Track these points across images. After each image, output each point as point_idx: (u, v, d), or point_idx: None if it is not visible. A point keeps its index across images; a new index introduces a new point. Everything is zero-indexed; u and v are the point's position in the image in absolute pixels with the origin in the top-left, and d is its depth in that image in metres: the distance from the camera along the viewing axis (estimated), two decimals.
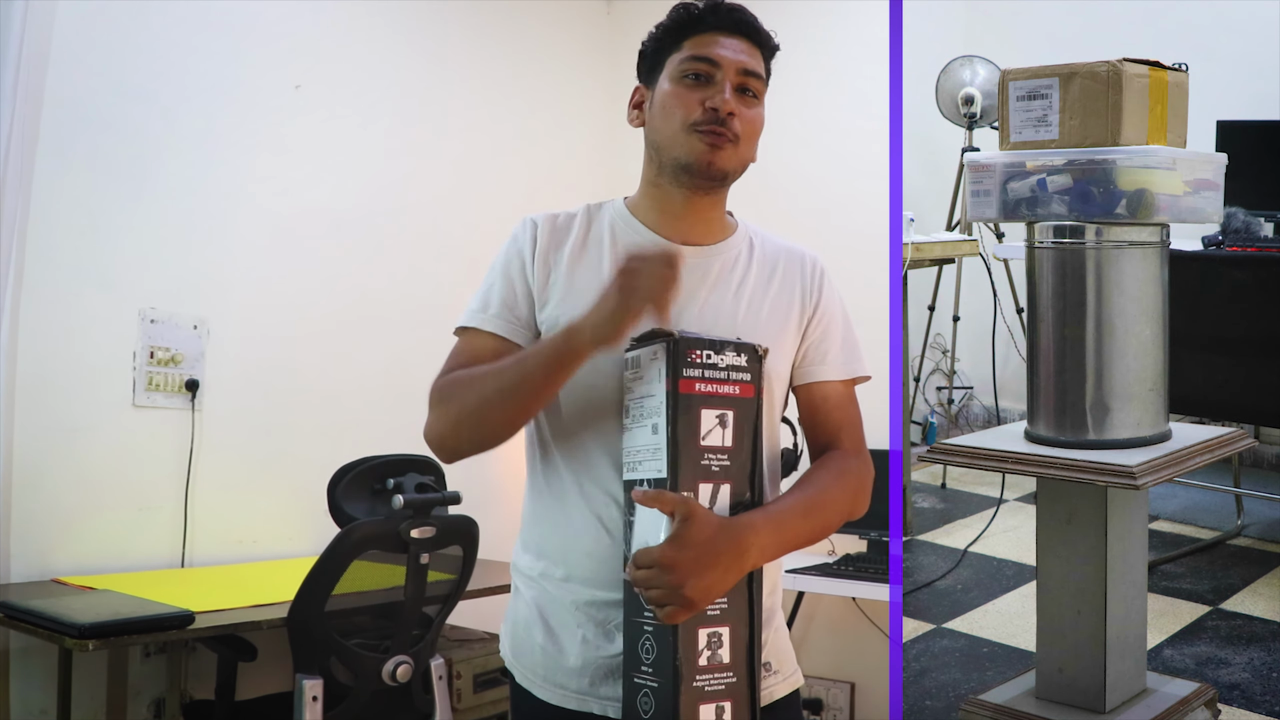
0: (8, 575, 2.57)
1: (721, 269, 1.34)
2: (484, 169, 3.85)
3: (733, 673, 1.14)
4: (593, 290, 1.23)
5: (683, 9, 1.33)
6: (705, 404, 1.13)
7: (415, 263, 3.60)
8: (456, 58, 3.80)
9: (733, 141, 1.28)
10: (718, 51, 1.29)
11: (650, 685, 1.12)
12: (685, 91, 1.29)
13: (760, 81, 1.32)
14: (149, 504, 2.87)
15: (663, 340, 1.14)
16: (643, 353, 1.17)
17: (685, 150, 1.28)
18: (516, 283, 1.33)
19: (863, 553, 3.40)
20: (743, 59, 1.30)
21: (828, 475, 1.31)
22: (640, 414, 1.16)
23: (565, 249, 1.34)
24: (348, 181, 3.42)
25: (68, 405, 2.71)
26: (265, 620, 2.26)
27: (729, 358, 1.15)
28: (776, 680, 1.32)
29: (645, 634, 1.13)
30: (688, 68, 1.29)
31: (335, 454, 2.58)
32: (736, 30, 1.31)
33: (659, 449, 1.12)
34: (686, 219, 1.35)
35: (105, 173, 2.80)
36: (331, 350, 3.34)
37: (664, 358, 1.13)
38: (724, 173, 1.30)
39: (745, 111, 1.29)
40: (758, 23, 1.34)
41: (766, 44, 1.34)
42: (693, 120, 1.27)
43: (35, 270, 2.64)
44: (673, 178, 1.32)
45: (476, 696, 2.88)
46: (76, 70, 2.72)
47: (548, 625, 1.31)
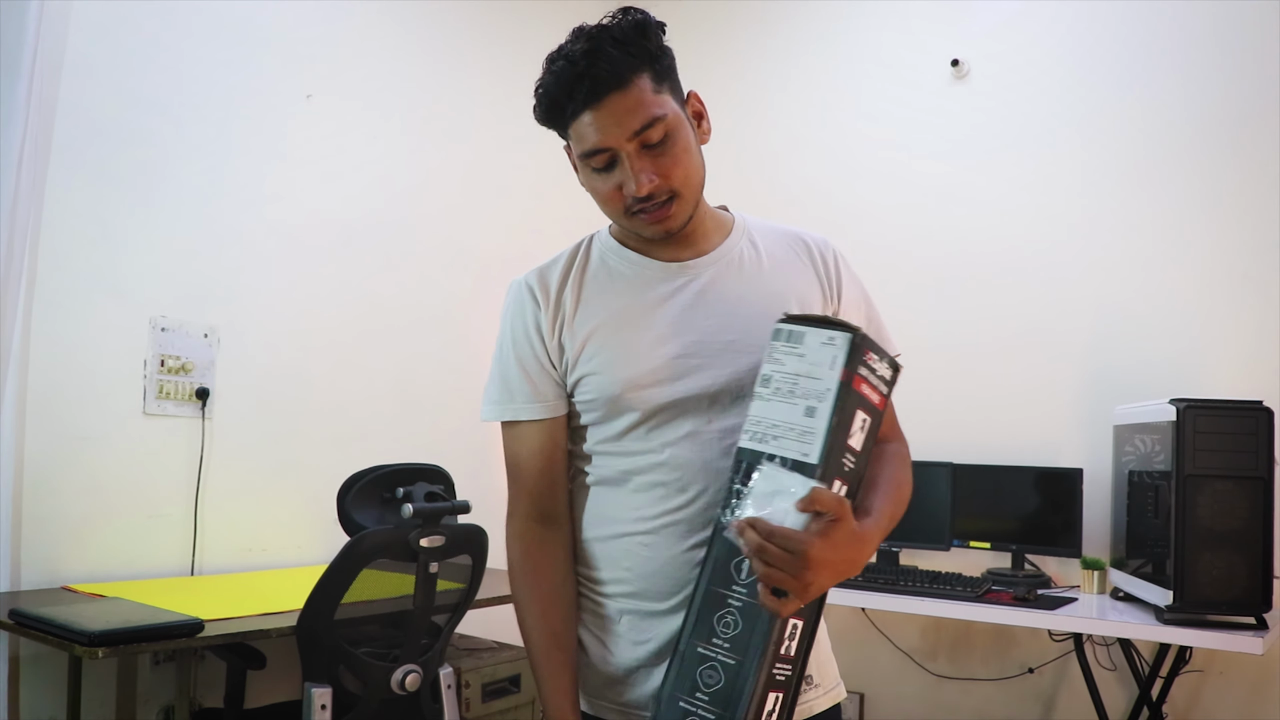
0: (18, 582, 2.58)
1: (723, 276, 1.31)
2: (494, 178, 3.86)
3: (793, 666, 1.13)
4: (601, 330, 1.27)
5: (543, 99, 1.22)
6: (860, 405, 1.13)
7: (425, 272, 3.61)
8: (467, 66, 3.82)
9: (669, 201, 1.23)
10: (599, 138, 1.19)
11: (724, 660, 1.10)
12: (601, 184, 1.23)
13: (659, 120, 1.19)
14: (159, 512, 2.87)
15: (844, 330, 1.14)
16: (811, 333, 1.15)
17: (637, 228, 1.27)
18: (528, 363, 1.31)
19: (872, 563, 3.39)
20: (627, 123, 1.18)
21: (900, 472, 1.30)
22: (791, 391, 1.14)
23: (567, 296, 1.32)
24: (358, 190, 3.43)
25: (78, 413, 2.72)
26: (274, 628, 2.26)
27: (882, 368, 1.17)
28: (818, 694, 1.30)
29: (730, 607, 1.11)
30: (587, 163, 1.22)
31: (345, 462, 2.58)
32: (599, 97, 1.18)
33: (812, 433, 1.11)
34: (673, 243, 1.32)
35: (117, 182, 2.81)
36: (342, 359, 3.35)
37: (844, 348, 1.12)
38: (683, 224, 1.27)
39: (662, 161, 1.21)
40: (614, 67, 1.17)
41: (635, 67, 1.19)
42: (624, 208, 1.24)
43: (47, 278, 2.65)
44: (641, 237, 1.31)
45: (485, 706, 2.87)
46: (89, 80, 2.74)
47: (584, 637, 1.31)
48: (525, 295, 1.32)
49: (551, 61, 1.22)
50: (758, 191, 3.90)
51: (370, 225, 3.46)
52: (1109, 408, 3.15)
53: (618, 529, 1.29)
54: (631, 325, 1.28)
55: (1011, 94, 3.53)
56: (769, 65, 4.07)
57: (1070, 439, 3.31)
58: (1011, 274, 3.48)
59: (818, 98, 3.94)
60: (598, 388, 1.27)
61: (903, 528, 3.66)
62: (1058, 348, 3.37)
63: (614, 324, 1.29)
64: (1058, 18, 3.46)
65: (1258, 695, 2.94)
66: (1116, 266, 3.29)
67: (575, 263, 1.35)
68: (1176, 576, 2.55)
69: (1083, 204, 3.37)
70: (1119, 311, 3.28)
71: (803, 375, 1.13)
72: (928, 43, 3.69)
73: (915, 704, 3.55)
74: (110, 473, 2.77)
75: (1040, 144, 3.46)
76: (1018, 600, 2.86)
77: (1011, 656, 3.37)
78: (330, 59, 3.36)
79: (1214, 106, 3.16)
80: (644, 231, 1.27)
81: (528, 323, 1.31)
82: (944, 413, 3.45)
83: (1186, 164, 3.19)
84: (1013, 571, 3.23)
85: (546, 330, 1.31)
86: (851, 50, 3.89)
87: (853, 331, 1.12)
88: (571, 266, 1.34)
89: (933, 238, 3.62)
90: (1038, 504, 3.25)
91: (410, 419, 3.47)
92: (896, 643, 3.57)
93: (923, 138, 3.63)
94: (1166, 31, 3.26)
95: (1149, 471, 2.77)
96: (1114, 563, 3.07)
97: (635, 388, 1.25)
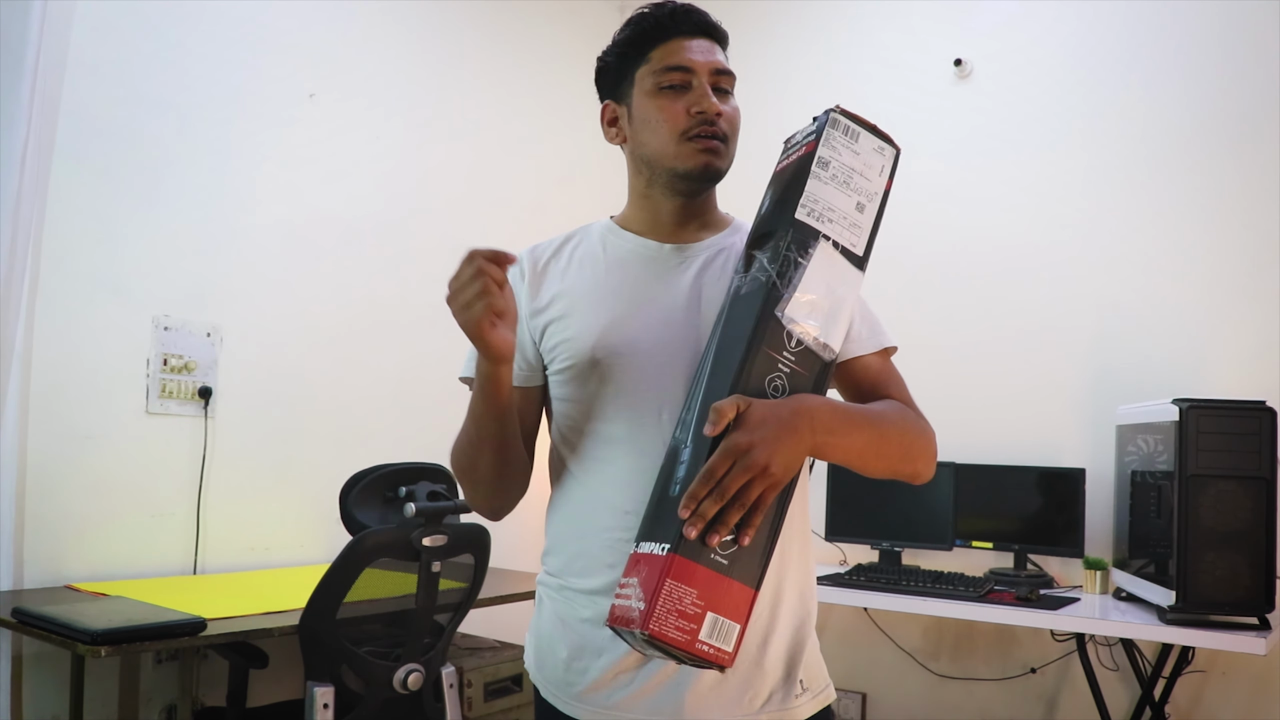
0: (21, 581, 2.58)
1: (721, 260, 1.33)
2: (496, 175, 3.87)
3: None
4: (588, 296, 1.29)
5: (643, 20, 1.33)
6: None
7: (428, 270, 3.58)
8: (469, 64, 3.82)
9: (724, 140, 1.29)
10: (689, 57, 1.29)
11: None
12: (668, 103, 1.29)
13: (731, 77, 1.32)
14: (162, 511, 2.87)
15: (890, 143, 1.22)
16: (865, 135, 1.20)
17: (681, 159, 1.29)
18: None
19: (874, 563, 3.39)
20: (713, 59, 1.31)
21: (880, 402, 1.28)
22: (846, 183, 1.18)
23: (555, 267, 1.36)
24: (360, 189, 3.43)
25: (81, 412, 2.72)
26: (277, 627, 2.26)
27: None
28: (806, 698, 1.29)
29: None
30: (663, 79, 1.29)
31: (347, 461, 2.59)
32: (699, 32, 1.32)
33: (860, 228, 1.18)
34: (680, 225, 1.35)
35: (120, 180, 2.81)
36: (344, 357, 3.35)
37: (891, 159, 1.22)
38: (720, 173, 1.31)
39: (727, 109, 1.30)
40: (713, 20, 1.35)
41: (725, 39, 1.36)
42: (682, 129, 1.28)
43: (50, 277, 2.66)
44: (667, 187, 1.33)
45: (487, 705, 2.87)
46: (92, 79, 2.74)
47: (571, 639, 1.29)
48: (514, 269, 1.34)
49: (654, 5, 1.34)
50: (757, 188, 3.89)
51: (372, 224, 3.46)
52: (1111, 407, 3.15)
53: (601, 521, 1.27)
54: (611, 294, 1.31)
55: (1014, 94, 3.53)
56: (771, 65, 4.07)
57: (1073, 439, 3.31)
58: (1014, 273, 3.48)
59: (820, 98, 3.92)
60: (571, 351, 1.29)
61: (905, 528, 3.67)
62: (1060, 347, 3.37)
63: (594, 293, 1.31)
64: (1060, 18, 3.45)
65: (1260, 696, 2.93)
66: (1119, 266, 3.29)
67: (570, 240, 1.39)
68: (1179, 577, 2.55)
69: (1085, 203, 3.37)
70: (1121, 311, 3.27)
71: (856, 172, 1.18)
72: (930, 43, 3.69)
73: (917, 704, 3.55)
74: (113, 472, 2.77)
75: (1043, 143, 3.46)
76: (1020, 600, 2.86)
77: (1014, 656, 3.37)
78: (333, 58, 3.36)
79: (1217, 106, 3.15)
80: (689, 161, 1.29)
81: (514, 283, 1.34)
82: (946, 412, 3.40)
83: (1189, 163, 3.19)
84: (1015, 571, 3.22)
85: (526, 298, 1.34)
86: (854, 50, 3.90)
87: (897, 147, 1.21)
88: (565, 245, 1.39)
89: (935, 237, 3.62)
90: (1040, 504, 3.25)
91: (413, 418, 3.47)
92: (899, 642, 3.57)
93: (925, 137, 3.63)
94: (1169, 31, 3.26)
95: (1152, 471, 2.77)
96: (1116, 563, 3.07)
97: (608, 351, 1.27)
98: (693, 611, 1.02)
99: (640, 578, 1.05)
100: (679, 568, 1.02)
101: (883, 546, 3.42)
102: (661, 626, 1.01)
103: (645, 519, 1.13)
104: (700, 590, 1.02)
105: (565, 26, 4.05)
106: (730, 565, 1.04)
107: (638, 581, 1.05)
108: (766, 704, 1.25)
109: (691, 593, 1.02)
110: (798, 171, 1.18)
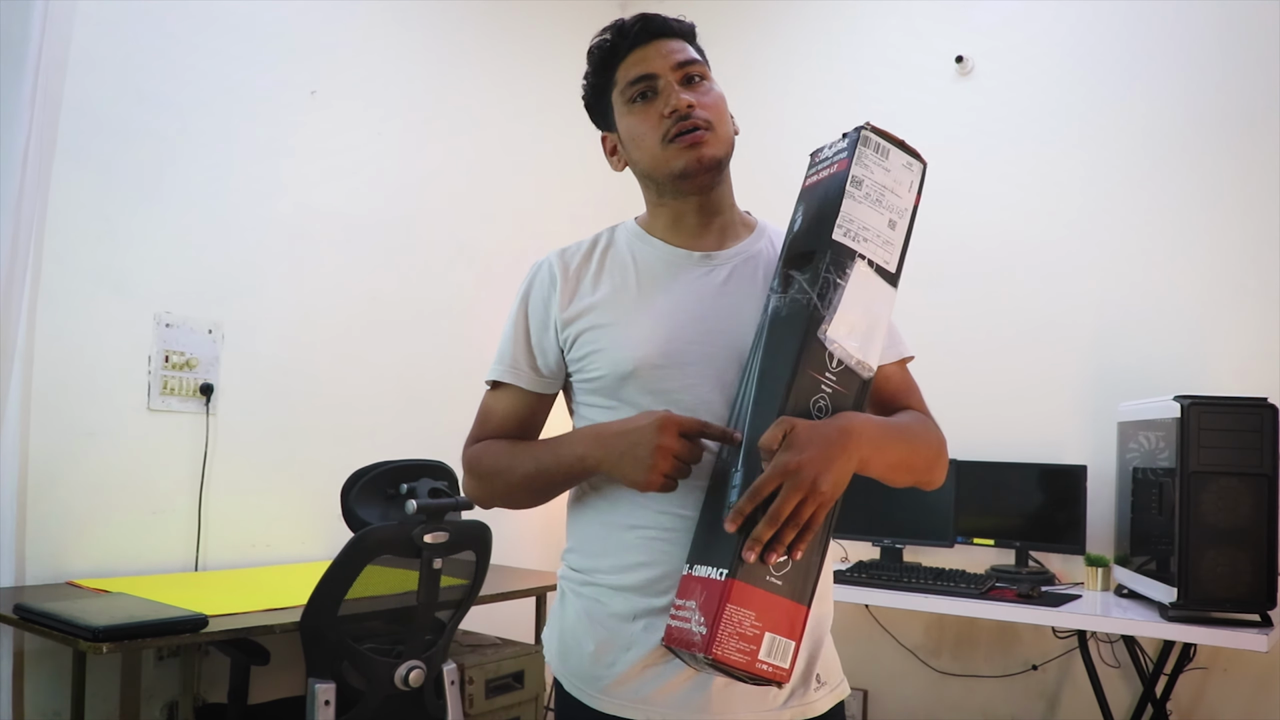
0: (23, 577, 2.58)
1: (750, 269, 1.34)
2: (497, 173, 3.87)
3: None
4: (622, 306, 1.30)
5: (599, 48, 1.37)
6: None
7: (429, 267, 3.61)
8: (470, 62, 3.82)
9: (707, 129, 1.30)
10: (646, 66, 1.32)
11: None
12: (642, 114, 1.32)
13: (700, 64, 1.34)
14: (163, 507, 2.88)
15: (918, 158, 1.23)
16: (895, 151, 1.22)
17: (672, 162, 1.30)
18: (535, 331, 1.36)
19: (876, 560, 3.39)
20: (672, 57, 1.33)
21: (905, 414, 1.33)
22: (879, 200, 1.20)
23: (587, 274, 1.36)
24: (362, 186, 3.44)
25: (83, 409, 2.72)
26: (278, 624, 2.26)
27: None
28: (824, 692, 1.31)
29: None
30: (630, 92, 1.33)
31: (349, 458, 2.59)
32: (653, 36, 1.34)
33: (892, 245, 1.20)
34: (700, 229, 1.36)
35: (121, 177, 2.81)
36: (345, 354, 3.35)
37: (919, 175, 1.23)
38: (716, 160, 1.31)
39: (702, 97, 1.31)
40: (666, 19, 1.36)
41: (687, 31, 1.38)
42: (662, 134, 1.30)
43: (51, 274, 2.66)
44: (675, 192, 1.34)
45: (488, 702, 2.87)
46: (94, 76, 2.74)
47: (599, 633, 1.29)
48: (544, 273, 1.37)
49: (605, 30, 1.38)
50: (762, 189, 3.88)
51: (374, 221, 3.46)
52: (1113, 404, 3.15)
53: (634, 519, 1.28)
54: (646, 306, 1.31)
55: (1015, 91, 3.53)
56: (773, 64, 4.06)
57: (1074, 436, 3.30)
58: (1015, 270, 3.47)
59: (822, 95, 3.94)
60: (607, 363, 1.30)
61: (907, 525, 3.66)
62: (1062, 344, 3.37)
63: (629, 304, 1.32)
64: (1061, 15, 3.45)
65: (1262, 692, 2.93)
66: (1120, 263, 3.28)
67: (597, 246, 1.39)
68: (1181, 573, 2.55)
69: (1086, 200, 3.36)
70: (1123, 308, 3.27)
71: (888, 189, 1.20)
72: (932, 40, 3.69)
73: (919, 701, 3.55)
74: (114, 468, 2.78)
75: (1044, 140, 3.45)
76: (1021, 597, 2.86)
77: (1015, 653, 3.37)
78: (334, 56, 3.36)
79: (1218, 102, 3.15)
80: (678, 162, 1.30)
81: (545, 297, 1.36)
82: (948, 409, 3.39)
83: (1190, 160, 3.19)
84: (1016, 568, 3.22)
85: (558, 307, 1.34)
86: (856, 47, 3.89)
87: (924, 161, 1.23)
88: (594, 250, 1.39)
89: (937, 234, 3.60)
90: (1042, 501, 3.25)
91: (414, 415, 3.47)
92: (900, 640, 3.57)
93: (927, 134, 3.60)
94: (1169, 29, 3.25)
95: (1153, 468, 2.77)
96: (1118, 560, 3.07)
97: (647, 365, 1.27)
98: (752, 633, 1.07)
99: (699, 601, 1.10)
100: (738, 592, 1.07)
101: (884, 543, 3.42)
102: (724, 650, 1.06)
103: (696, 542, 1.17)
104: (758, 612, 1.08)
105: (566, 24, 4.05)
106: (784, 585, 1.10)
107: (696, 605, 1.10)
108: (789, 699, 1.27)
109: (750, 615, 1.07)
110: (831, 189, 1.20)
